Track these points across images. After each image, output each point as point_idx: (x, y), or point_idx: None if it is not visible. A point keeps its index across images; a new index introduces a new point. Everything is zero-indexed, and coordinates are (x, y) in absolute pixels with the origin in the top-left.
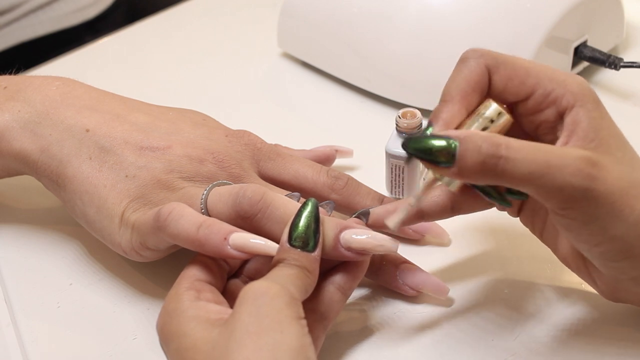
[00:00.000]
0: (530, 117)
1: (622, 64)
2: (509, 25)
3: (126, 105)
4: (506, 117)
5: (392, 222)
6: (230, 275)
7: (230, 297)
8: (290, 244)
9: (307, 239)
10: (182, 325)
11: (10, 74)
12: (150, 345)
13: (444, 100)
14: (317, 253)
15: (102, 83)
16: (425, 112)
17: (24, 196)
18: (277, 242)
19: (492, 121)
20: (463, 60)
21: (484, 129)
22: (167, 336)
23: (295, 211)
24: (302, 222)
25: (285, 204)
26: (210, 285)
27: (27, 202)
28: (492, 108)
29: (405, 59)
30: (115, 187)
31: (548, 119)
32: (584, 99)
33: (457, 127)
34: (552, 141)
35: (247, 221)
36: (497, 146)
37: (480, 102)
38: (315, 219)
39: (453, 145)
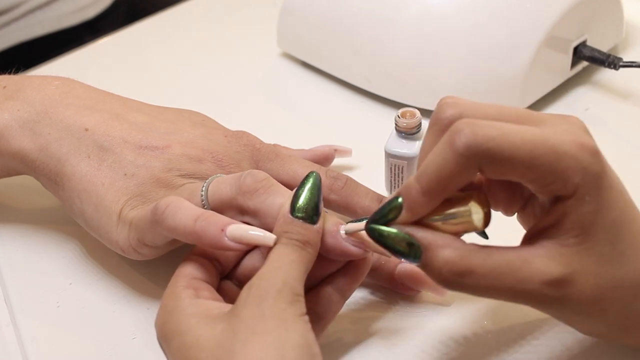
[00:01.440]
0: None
1: (621, 63)
2: (509, 25)
3: (125, 105)
4: (475, 228)
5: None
6: (222, 276)
7: (222, 297)
8: (293, 216)
9: (309, 210)
10: (182, 323)
11: (9, 73)
12: (150, 345)
13: (420, 185)
14: (319, 225)
15: (102, 83)
16: (425, 112)
17: (24, 196)
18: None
19: (462, 222)
20: (452, 148)
21: (456, 223)
22: (167, 335)
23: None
24: (305, 193)
25: (285, 187)
26: (206, 283)
27: (26, 202)
28: (465, 215)
29: (405, 59)
30: (113, 185)
31: (541, 196)
32: (583, 190)
33: (429, 215)
34: (538, 214)
35: (247, 196)
36: (459, 276)
37: (461, 190)
38: (318, 191)
39: (419, 250)
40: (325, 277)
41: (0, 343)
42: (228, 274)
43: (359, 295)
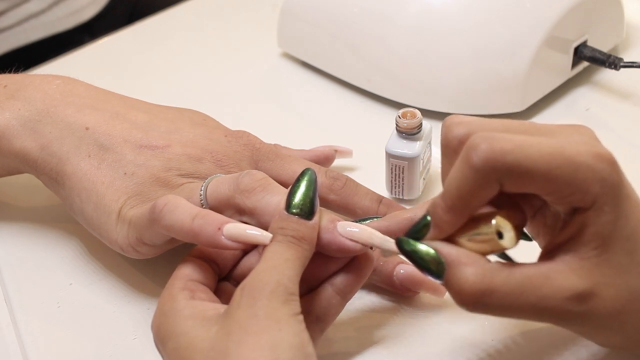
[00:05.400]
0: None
1: (622, 63)
2: (509, 25)
3: (126, 103)
4: (503, 248)
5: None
6: (220, 277)
7: (220, 298)
8: (288, 212)
9: (304, 206)
10: (179, 324)
11: (10, 73)
12: (150, 346)
13: (445, 203)
14: (314, 221)
15: (102, 83)
16: (425, 112)
17: (24, 195)
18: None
19: (488, 241)
20: (470, 165)
21: (482, 241)
22: (163, 336)
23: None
24: (300, 190)
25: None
26: (203, 285)
27: (27, 200)
28: (491, 234)
29: (406, 58)
30: (113, 184)
31: (558, 208)
32: (602, 200)
33: (456, 233)
34: (549, 223)
35: (245, 194)
36: (480, 295)
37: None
38: (313, 187)
39: (442, 265)
40: (325, 277)
41: (0, 343)
42: (227, 275)
43: (357, 295)
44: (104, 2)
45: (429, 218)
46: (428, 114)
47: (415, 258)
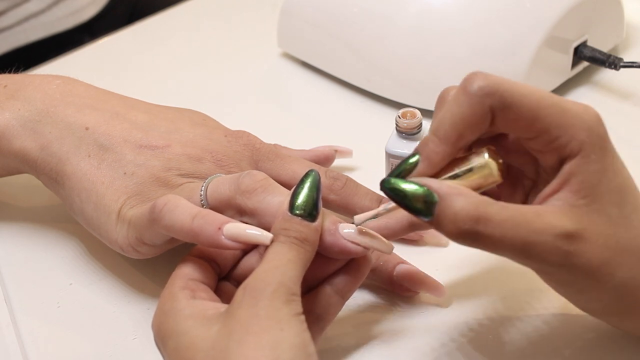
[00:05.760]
0: (530, 153)
1: (622, 63)
2: (509, 25)
3: (126, 104)
4: (494, 179)
5: (359, 219)
6: (220, 277)
7: (220, 297)
8: (292, 213)
9: (308, 208)
10: (179, 324)
11: (10, 73)
12: (150, 346)
13: (437, 135)
14: (317, 223)
15: (102, 83)
16: (425, 112)
17: (24, 195)
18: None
19: (479, 176)
20: (465, 92)
21: (471, 179)
22: (164, 335)
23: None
24: (304, 191)
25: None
26: (204, 284)
27: (27, 200)
28: (483, 166)
29: (405, 58)
30: (113, 184)
31: (548, 162)
32: (589, 148)
33: (444, 169)
34: (547, 179)
35: (246, 195)
36: (474, 221)
37: (476, 139)
38: (317, 189)
39: (432, 199)
40: (324, 277)
41: (0, 343)
42: (227, 275)
43: (357, 295)
44: (104, 2)
45: (416, 156)
46: (428, 114)
47: (401, 196)
